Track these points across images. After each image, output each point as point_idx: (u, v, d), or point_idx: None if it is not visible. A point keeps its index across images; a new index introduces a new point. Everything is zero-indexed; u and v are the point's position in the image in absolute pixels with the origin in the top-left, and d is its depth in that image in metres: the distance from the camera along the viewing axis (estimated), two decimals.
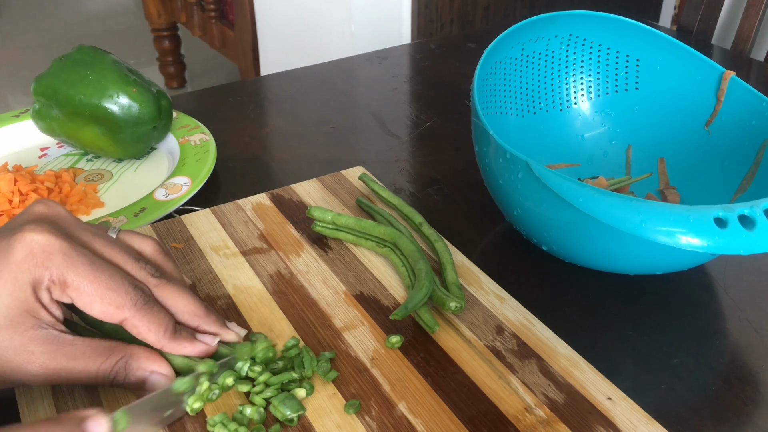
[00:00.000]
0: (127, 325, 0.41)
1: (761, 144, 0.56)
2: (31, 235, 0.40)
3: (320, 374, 0.44)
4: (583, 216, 0.45)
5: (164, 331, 0.42)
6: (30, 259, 0.39)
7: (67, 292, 0.40)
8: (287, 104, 0.85)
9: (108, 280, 0.40)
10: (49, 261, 0.39)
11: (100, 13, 3.40)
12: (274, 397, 0.42)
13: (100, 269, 0.41)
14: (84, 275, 0.40)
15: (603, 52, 0.66)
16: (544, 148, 0.66)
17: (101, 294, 0.40)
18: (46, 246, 0.39)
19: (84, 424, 0.34)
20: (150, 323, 0.41)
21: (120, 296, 0.41)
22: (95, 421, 0.35)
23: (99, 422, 0.35)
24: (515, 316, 0.49)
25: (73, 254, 0.40)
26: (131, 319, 0.41)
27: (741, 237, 0.42)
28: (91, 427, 0.35)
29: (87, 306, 0.40)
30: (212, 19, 2.20)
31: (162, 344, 0.42)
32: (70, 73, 0.67)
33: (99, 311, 0.40)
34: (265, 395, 0.43)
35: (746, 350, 0.49)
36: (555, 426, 0.41)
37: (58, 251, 0.40)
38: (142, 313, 0.41)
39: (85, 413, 0.35)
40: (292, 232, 0.58)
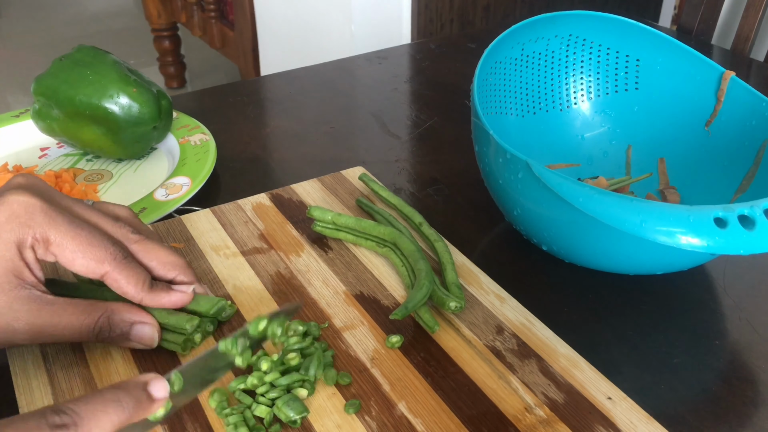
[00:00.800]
0: (108, 279, 0.44)
1: (761, 144, 0.56)
2: (13, 197, 0.42)
3: (326, 382, 0.44)
4: (583, 216, 0.45)
5: (142, 284, 0.45)
6: (13, 219, 0.42)
7: (50, 249, 0.42)
8: (287, 104, 0.85)
9: (88, 236, 0.43)
10: (31, 220, 0.42)
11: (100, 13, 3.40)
12: (278, 398, 0.42)
13: (80, 226, 0.43)
14: (65, 232, 0.42)
15: (603, 52, 0.66)
16: (544, 148, 0.66)
17: (82, 249, 0.43)
18: (28, 206, 0.42)
19: (148, 387, 0.36)
20: (129, 276, 0.44)
21: (100, 251, 0.43)
22: (157, 384, 0.36)
23: (160, 384, 0.36)
24: (515, 316, 0.49)
25: (53, 213, 0.42)
26: (111, 272, 0.43)
27: (741, 237, 0.42)
28: (154, 390, 0.36)
29: (69, 262, 0.43)
30: (212, 19, 2.20)
31: (141, 297, 0.45)
32: (71, 73, 0.67)
33: (81, 266, 0.43)
34: (270, 395, 0.42)
35: (746, 350, 0.49)
36: (555, 426, 0.41)
37: (40, 210, 0.42)
38: (122, 267, 0.44)
39: (146, 377, 0.36)
40: (292, 232, 0.58)
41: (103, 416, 0.33)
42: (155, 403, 0.36)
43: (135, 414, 0.35)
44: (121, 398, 0.34)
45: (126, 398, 0.35)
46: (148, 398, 0.36)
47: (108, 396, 0.34)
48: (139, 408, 0.35)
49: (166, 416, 0.37)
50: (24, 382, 0.44)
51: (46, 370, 0.45)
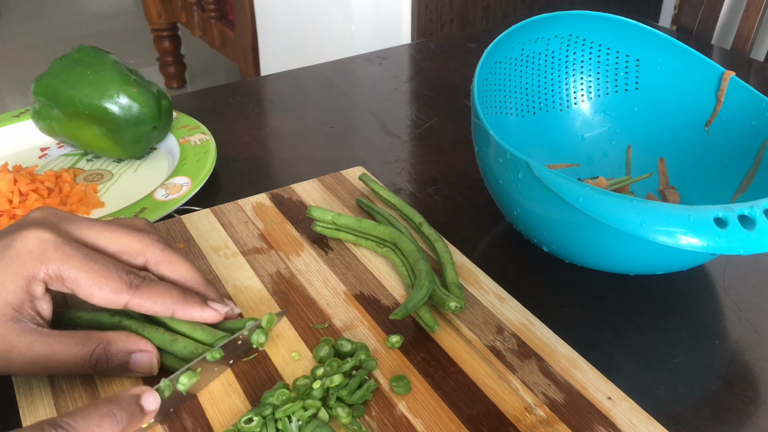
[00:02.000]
0: (132, 306, 0.44)
1: (761, 144, 0.56)
2: (28, 232, 0.42)
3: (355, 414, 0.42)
4: (583, 216, 0.45)
5: (171, 299, 0.44)
6: (26, 254, 0.42)
7: (66, 284, 0.42)
8: (287, 104, 0.85)
9: (101, 269, 0.43)
10: (44, 256, 0.42)
11: (100, 13, 3.40)
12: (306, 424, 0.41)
13: (93, 260, 0.43)
14: (78, 267, 0.42)
15: (603, 52, 0.66)
16: (544, 148, 0.66)
17: (98, 284, 0.42)
18: (42, 242, 0.42)
19: (140, 400, 0.38)
20: (153, 296, 0.44)
21: (115, 282, 0.43)
22: (149, 397, 0.38)
23: (152, 397, 0.39)
24: (515, 316, 0.49)
25: (67, 249, 0.42)
26: (132, 300, 0.43)
27: (741, 237, 0.42)
28: (146, 403, 0.38)
29: (89, 296, 0.43)
30: (212, 19, 2.20)
31: (172, 309, 0.44)
32: (71, 73, 0.67)
33: (100, 299, 0.43)
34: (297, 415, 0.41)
35: (746, 350, 0.49)
36: (555, 426, 0.41)
37: (53, 246, 0.42)
38: (141, 291, 0.43)
39: (138, 390, 0.38)
40: (292, 232, 0.58)
41: (98, 430, 0.35)
42: (147, 415, 0.38)
43: (128, 426, 0.37)
44: (115, 412, 0.36)
45: (120, 412, 0.36)
46: (140, 411, 0.38)
47: (103, 410, 0.36)
48: (132, 421, 0.37)
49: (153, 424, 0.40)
50: (25, 381, 0.44)
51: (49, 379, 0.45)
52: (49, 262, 0.42)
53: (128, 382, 0.45)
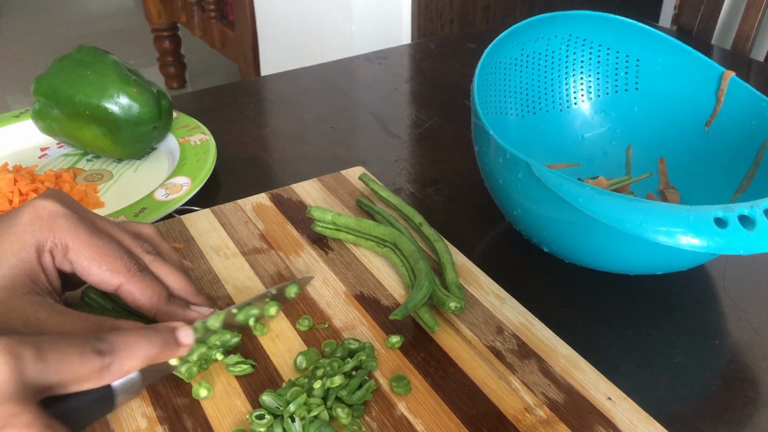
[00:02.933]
0: (122, 291, 0.44)
1: (761, 144, 0.56)
2: (39, 201, 0.43)
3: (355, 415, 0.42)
4: (583, 216, 0.45)
5: (158, 297, 0.45)
6: (36, 222, 0.42)
7: (68, 256, 0.43)
8: (287, 104, 0.85)
9: (105, 247, 0.44)
10: (53, 224, 0.43)
11: (100, 13, 3.40)
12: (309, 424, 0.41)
13: (98, 236, 0.44)
14: (83, 240, 0.43)
15: (603, 52, 0.66)
16: (544, 148, 0.66)
17: (98, 259, 0.43)
18: (52, 211, 0.43)
19: (176, 332, 0.40)
20: (144, 289, 0.44)
21: (116, 262, 0.44)
22: (184, 330, 0.41)
23: (187, 331, 0.41)
24: (515, 316, 0.49)
25: (75, 220, 0.43)
26: (126, 284, 0.44)
27: (741, 237, 0.42)
28: (181, 335, 0.40)
29: (85, 271, 0.43)
30: (212, 19, 2.20)
31: (156, 309, 0.45)
32: (71, 73, 0.67)
33: (96, 275, 0.43)
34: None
35: (746, 350, 0.49)
36: (555, 426, 0.41)
37: (62, 216, 0.43)
38: (136, 279, 0.44)
39: (175, 324, 0.41)
40: (292, 232, 0.58)
41: (135, 348, 0.37)
42: (181, 348, 0.40)
43: (162, 353, 0.39)
44: (152, 336, 0.38)
45: (156, 337, 0.39)
46: (175, 341, 0.40)
47: (141, 333, 0.38)
48: (166, 348, 0.39)
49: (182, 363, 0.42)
50: None
51: None
52: (57, 231, 0.43)
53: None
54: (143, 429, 0.41)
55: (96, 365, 0.36)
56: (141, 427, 0.41)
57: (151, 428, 0.41)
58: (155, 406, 0.43)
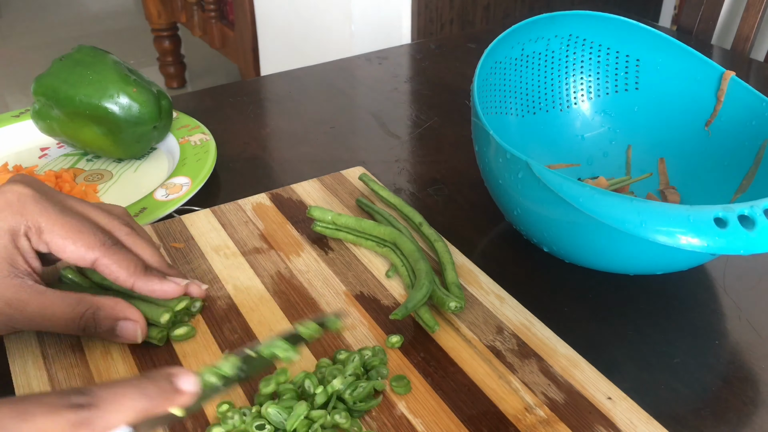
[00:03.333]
0: (99, 265, 0.45)
1: (761, 144, 0.56)
2: (7, 187, 0.44)
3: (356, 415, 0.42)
4: (583, 216, 0.45)
5: (134, 268, 0.45)
6: (6, 208, 0.43)
7: (42, 237, 0.44)
8: (287, 104, 0.85)
9: (78, 224, 0.44)
10: (24, 208, 0.43)
11: (100, 13, 3.40)
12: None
13: (70, 215, 0.45)
14: (55, 220, 0.44)
15: (603, 52, 0.66)
16: (544, 148, 0.66)
17: (72, 236, 0.44)
18: (21, 196, 0.44)
19: (175, 378, 0.35)
20: (120, 261, 0.45)
21: (90, 237, 0.44)
22: (185, 377, 0.35)
23: (189, 378, 0.35)
24: (515, 316, 0.49)
25: (45, 202, 0.44)
26: (102, 258, 0.45)
27: (741, 237, 0.42)
28: (182, 382, 0.35)
29: (60, 249, 0.44)
30: (212, 19, 2.20)
31: (133, 281, 0.45)
32: (71, 73, 0.67)
33: (71, 252, 0.44)
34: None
35: (746, 350, 0.49)
36: (555, 426, 0.41)
37: (32, 199, 0.44)
38: (112, 252, 0.45)
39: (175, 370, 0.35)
40: (292, 232, 0.58)
41: (124, 401, 0.33)
42: (182, 396, 0.35)
43: (158, 404, 0.34)
44: (145, 386, 0.34)
45: (150, 387, 0.34)
46: (174, 390, 0.35)
47: (133, 383, 0.34)
48: (163, 398, 0.34)
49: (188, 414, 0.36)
50: (24, 381, 0.44)
51: (47, 370, 0.45)
52: (28, 214, 0.43)
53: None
54: None
55: (71, 420, 0.31)
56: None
57: None
58: None
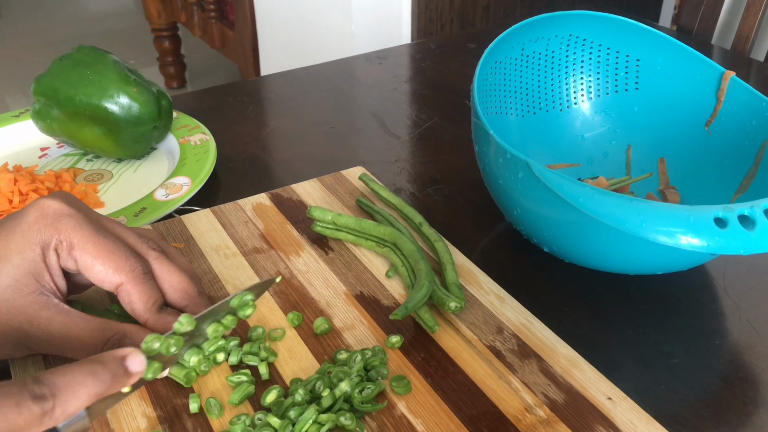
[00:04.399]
0: (121, 291, 0.44)
1: (761, 144, 0.56)
2: (44, 201, 0.43)
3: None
4: (583, 216, 0.45)
5: (152, 304, 0.44)
6: (41, 220, 0.42)
7: (72, 253, 0.43)
8: (287, 104, 0.85)
9: (110, 245, 0.43)
10: (58, 222, 0.43)
11: (100, 13, 3.40)
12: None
13: (104, 235, 0.44)
14: (88, 237, 0.43)
15: (603, 52, 0.66)
16: (544, 148, 0.66)
17: (103, 257, 0.43)
18: (57, 210, 0.43)
19: (125, 361, 0.36)
20: (142, 293, 0.44)
21: (120, 260, 0.43)
22: (134, 359, 0.37)
23: (138, 359, 0.37)
24: (515, 316, 0.49)
25: (80, 218, 0.43)
26: (126, 284, 0.43)
27: (741, 237, 0.42)
28: (131, 364, 0.36)
29: (89, 268, 0.43)
30: (212, 19, 2.20)
31: (147, 316, 0.44)
32: (71, 73, 0.67)
33: (99, 272, 0.43)
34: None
35: (746, 350, 0.49)
36: (555, 426, 0.41)
37: (67, 215, 0.43)
38: (137, 281, 0.44)
39: (123, 352, 0.37)
40: (292, 232, 0.58)
41: (79, 388, 0.34)
42: (131, 377, 0.37)
43: (111, 387, 0.35)
44: (98, 371, 0.35)
45: (103, 372, 0.35)
46: (125, 372, 0.36)
47: (86, 368, 0.35)
48: (115, 380, 0.36)
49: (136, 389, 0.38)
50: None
51: None
52: (62, 229, 0.43)
53: None
54: (143, 429, 0.41)
55: (35, 412, 0.32)
56: (141, 427, 0.41)
57: (151, 428, 0.41)
58: (155, 406, 0.43)
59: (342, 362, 0.45)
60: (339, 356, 0.45)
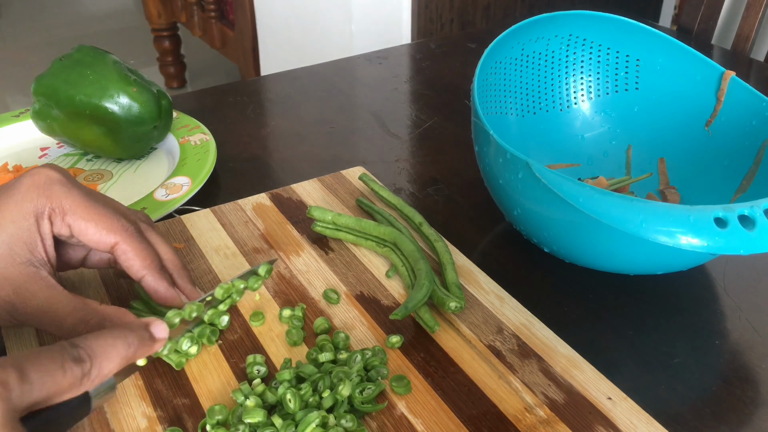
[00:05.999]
0: (117, 250, 0.45)
1: (761, 144, 0.56)
2: (36, 170, 0.45)
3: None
4: (583, 216, 0.45)
5: (150, 261, 0.46)
6: (33, 189, 0.44)
7: (65, 219, 0.44)
8: (287, 104, 0.85)
9: (101, 208, 0.45)
10: (50, 190, 0.44)
11: (100, 13, 3.40)
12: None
13: (94, 199, 0.46)
14: (79, 202, 0.44)
15: (603, 52, 0.66)
16: (544, 148, 0.66)
17: (95, 219, 0.44)
18: (49, 177, 0.44)
19: (150, 328, 0.40)
20: (138, 250, 0.45)
21: (112, 221, 0.45)
22: (158, 326, 0.40)
23: (162, 326, 0.40)
24: (515, 316, 0.49)
25: (71, 185, 0.45)
26: (122, 243, 0.45)
27: (741, 237, 0.42)
28: (156, 330, 0.40)
29: (82, 232, 0.45)
30: (212, 19, 2.20)
31: (143, 273, 0.46)
32: (71, 73, 0.67)
33: (93, 234, 0.45)
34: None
35: (746, 350, 0.49)
36: (555, 426, 0.41)
37: (59, 182, 0.44)
38: (132, 239, 0.45)
39: (147, 320, 0.40)
40: (292, 232, 0.58)
41: (112, 351, 0.37)
42: (157, 343, 0.40)
43: (138, 351, 0.38)
44: (127, 336, 0.38)
45: (131, 337, 0.38)
46: (150, 337, 0.39)
47: (117, 333, 0.38)
48: (142, 345, 0.39)
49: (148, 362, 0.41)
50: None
51: None
52: (53, 196, 0.44)
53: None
54: (143, 429, 0.41)
55: (77, 374, 0.35)
56: (141, 427, 0.41)
57: (151, 428, 0.41)
58: (155, 406, 0.43)
59: (342, 362, 0.45)
60: (339, 356, 0.45)
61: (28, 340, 0.47)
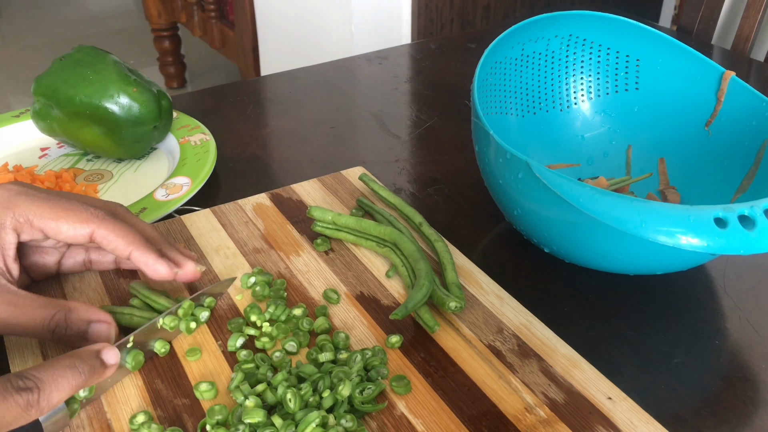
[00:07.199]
0: (97, 237, 0.46)
1: (761, 144, 0.56)
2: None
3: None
4: (583, 216, 0.45)
5: (132, 237, 0.46)
6: None
7: (34, 225, 0.45)
8: (287, 104, 0.85)
9: (66, 204, 0.45)
10: (10, 202, 0.45)
11: (100, 13, 3.40)
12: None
13: (56, 198, 0.46)
14: (42, 205, 0.45)
15: (603, 52, 0.66)
16: (544, 148, 0.66)
17: (64, 216, 0.45)
18: (10, 191, 0.45)
19: (101, 355, 0.40)
20: (117, 230, 0.46)
21: (81, 212, 0.45)
22: (109, 352, 0.40)
23: (112, 352, 0.41)
24: (515, 316, 0.49)
25: (32, 193, 0.46)
26: (98, 229, 0.45)
27: (741, 237, 0.42)
28: (106, 357, 0.40)
29: (56, 231, 0.45)
30: (212, 19, 2.20)
31: (131, 250, 0.46)
32: (71, 73, 0.67)
33: (68, 230, 0.45)
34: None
35: (746, 350, 0.49)
36: (555, 426, 0.41)
37: (17, 193, 0.45)
38: (107, 222, 0.46)
39: (99, 346, 0.40)
40: (292, 232, 0.58)
41: (62, 380, 0.37)
42: (108, 369, 0.40)
43: (90, 378, 0.39)
44: (77, 365, 0.38)
45: (81, 364, 0.38)
46: (101, 364, 0.40)
47: (66, 362, 0.38)
48: (93, 373, 0.39)
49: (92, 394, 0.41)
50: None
51: None
52: (15, 208, 0.44)
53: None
54: (143, 429, 0.41)
55: (21, 404, 0.35)
56: (141, 427, 0.41)
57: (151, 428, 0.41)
58: (155, 406, 0.43)
59: (342, 362, 0.45)
60: (339, 356, 0.45)
61: (31, 350, 0.47)
